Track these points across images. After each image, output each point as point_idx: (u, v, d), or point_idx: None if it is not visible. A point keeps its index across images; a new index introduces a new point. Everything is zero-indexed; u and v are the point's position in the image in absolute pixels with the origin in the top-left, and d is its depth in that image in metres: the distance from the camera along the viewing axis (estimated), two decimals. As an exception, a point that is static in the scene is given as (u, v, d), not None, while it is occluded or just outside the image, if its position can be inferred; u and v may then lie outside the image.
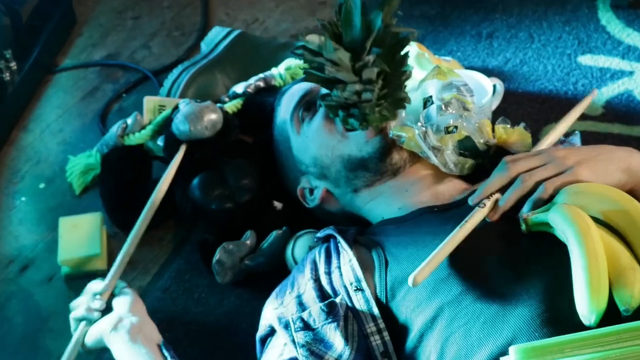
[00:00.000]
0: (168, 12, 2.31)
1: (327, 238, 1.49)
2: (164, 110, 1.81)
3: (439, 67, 1.58)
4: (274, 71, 1.92)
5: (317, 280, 1.41)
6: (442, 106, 1.52)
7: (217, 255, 1.65)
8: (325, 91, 1.53)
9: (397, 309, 1.34)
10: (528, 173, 1.36)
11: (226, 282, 1.67)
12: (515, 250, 1.31)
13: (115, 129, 1.81)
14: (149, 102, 1.85)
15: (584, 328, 1.15)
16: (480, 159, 1.52)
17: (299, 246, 1.65)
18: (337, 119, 1.54)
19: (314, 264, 1.43)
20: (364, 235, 1.47)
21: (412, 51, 1.81)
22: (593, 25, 2.17)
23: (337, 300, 1.36)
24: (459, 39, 2.15)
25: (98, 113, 2.04)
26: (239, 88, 1.89)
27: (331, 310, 1.35)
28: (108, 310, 1.53)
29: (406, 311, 1.32)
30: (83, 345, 1.52)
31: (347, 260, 1.41)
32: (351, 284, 1.38)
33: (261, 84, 1.89)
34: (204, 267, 1.69)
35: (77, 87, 2.12)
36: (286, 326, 1.36)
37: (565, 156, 1.37)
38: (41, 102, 2.09)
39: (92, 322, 1.52)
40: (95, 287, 1.56)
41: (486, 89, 1.84)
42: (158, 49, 2.21)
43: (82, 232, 1.71)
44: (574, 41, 2.13)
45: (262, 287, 1.55)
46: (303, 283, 1.42)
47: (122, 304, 1.53)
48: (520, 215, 1.32)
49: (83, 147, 1.93)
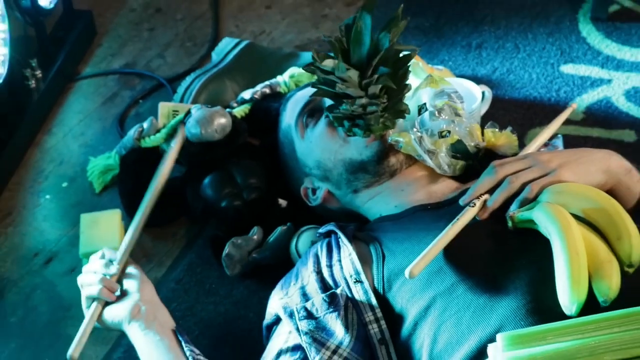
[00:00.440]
0: (181, 24, 2.31)
1: (329, 233, 1.49)
2: (177, 115, 1.81)
3: (432, 76, 1.58)
4: (279, 79, 1.92)
5: (320, 272, 1.41)
6: (435, 112, 1.52)
7: (227, 249, 1.65)
8: (329, 102, 1.52)
9: (394, 300, 1.34)
10: (514, 175, 1.36)
11: (235, 274, 1.67)
12: (502, 246, 1.31)
13: (132, 133, 1.81)
14: (164, 108, 1.85)
15: (566, 317, 1.16)
16: (471, 161, 1.52)
17: (302, 241, 1.65)
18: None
19: (317, 258, 1.44)
20: (363, 231, 1.47)
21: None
22: (574, 36, 2.17)
23: (338, 291, 1.37)
24: (451, 50, 2.15)
25: (117, 117, 2.04)
26: (247, 94, 1.89)
27: (332, 300, 1.36)
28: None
29: (402, 301, 1.33)
30: (100, 321, 1.50)
31: (347, 254, 1.41)
32: (351, 276, 1.38)
33: (267, 91, 1.89)
34: (215, 260, 1.69)
35: (98, 94, 2.12)
36: (291, 315, 1.37)
37: (549, 159, 1.37)
38: (64, 108, 2.09)
39: (106, 303, 1.50)
40: (101, 263, 1.53)
41: (475, 96, 1.83)
42: (172, 58, 2.21)
43: (102, 228, 1.70)
44: (557, 51, 2.13)
45: (268, 279, 1.55)
46: (306, 275, 1.42)
47: (132, 285, 1.50)
48: (507, 213, 1.32)
49: (103, 149, 1.93)
